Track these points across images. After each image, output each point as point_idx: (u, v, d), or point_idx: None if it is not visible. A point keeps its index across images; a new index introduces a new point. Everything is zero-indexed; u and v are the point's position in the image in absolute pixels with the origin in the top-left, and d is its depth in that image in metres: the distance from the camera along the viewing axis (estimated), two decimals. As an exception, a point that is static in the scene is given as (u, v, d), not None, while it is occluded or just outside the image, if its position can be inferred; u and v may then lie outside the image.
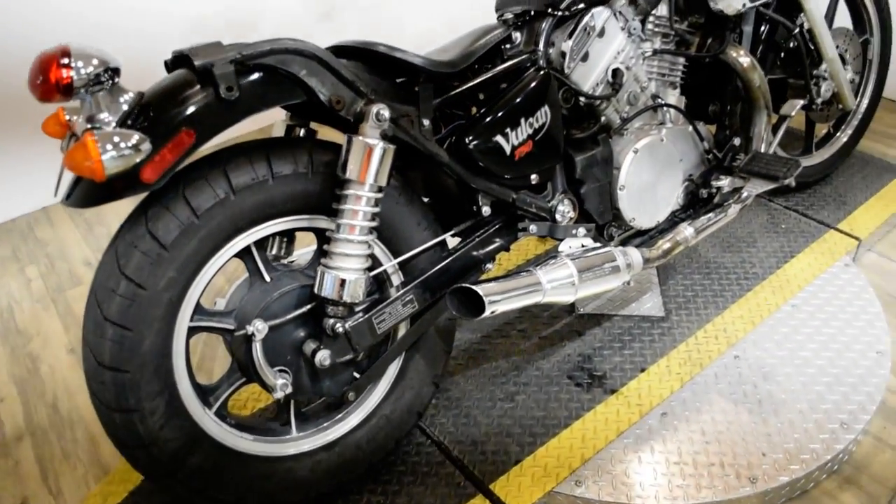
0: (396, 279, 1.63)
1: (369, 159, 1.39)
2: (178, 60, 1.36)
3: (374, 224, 1.45)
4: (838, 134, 2.74)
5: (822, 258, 2.40)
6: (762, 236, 2.50)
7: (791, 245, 2.46)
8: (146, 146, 1.22)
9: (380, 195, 1.44)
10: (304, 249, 1.79)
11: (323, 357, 1.50)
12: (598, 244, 1.76)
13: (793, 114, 2.14)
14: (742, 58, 1.95)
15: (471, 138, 1.56)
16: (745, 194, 1.97)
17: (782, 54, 2.38)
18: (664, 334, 2.10)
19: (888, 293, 2.34)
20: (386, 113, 1.40)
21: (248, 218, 1.42)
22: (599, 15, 1.74)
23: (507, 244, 1.72)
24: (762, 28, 2.19)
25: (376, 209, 1.44)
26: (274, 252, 1.68)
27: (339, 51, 1.55)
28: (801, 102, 2.18)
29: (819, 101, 2.39)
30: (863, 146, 2.97)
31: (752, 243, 2.47)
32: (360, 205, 1.41)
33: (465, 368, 2.02)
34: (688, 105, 2.03)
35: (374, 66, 1.52)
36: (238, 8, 3.20)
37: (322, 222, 1.51)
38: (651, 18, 1.88)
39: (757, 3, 1.92)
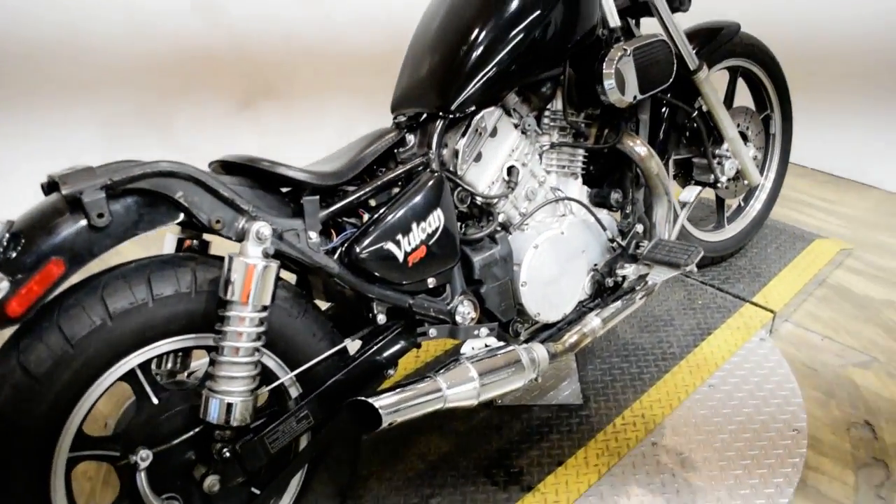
0: (295, 391, 1.59)
1: (250, 280, 1.36)
2: (52, 185, 1.32)
3: (259, 344, 1.41)
4: (748, 207, 2.80)
5: (738, 333, 2.42)
6: (679, 314, 2.52)
7: (708, 322, 2.47)
8: (4, 284, 1.18)
9: (264, 314, 1.40)
10: (204, 360, 1.74)
11: (211, 483, 1.44)
12: (501, 343, 1.74)
13: (692, 200, 2.18)
14: (638, 147, 1.98)
15: (361, 247, 1.53)
16: (650, 282, 1.98)
17: (687, 133, 2.43)
18: (582, 423, 2.08)
19: (804, 364, 2.36)
20: (266, 231, 1.38)
21: (127, 343, 1.37)
22: (490, 115, 1.76)
23: (409, 348, 1.69)
24: (662, 110, 2.24)
25: (261, 329, 1.41)
26: (169, 366, 1.63)
27: (226, 165, 1.54)
28: (699, 189, 2.22)
29: (724, 178, 2.44)
30: (776, 214, 3.04)
31: (669, 322, 2.48)
32: (242, 326, 1.38)
33: (379, 470, 1.96)
34: (591, 193, 2.04)
35: (259, 180, 1.50)
36: (153, 102, 3.18)
37: (210, 340, 1.47)
38: (547, 113, 1.91)
39: (648, 95, 1.96)
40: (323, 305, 1.83)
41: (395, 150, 1.70)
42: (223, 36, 3.24)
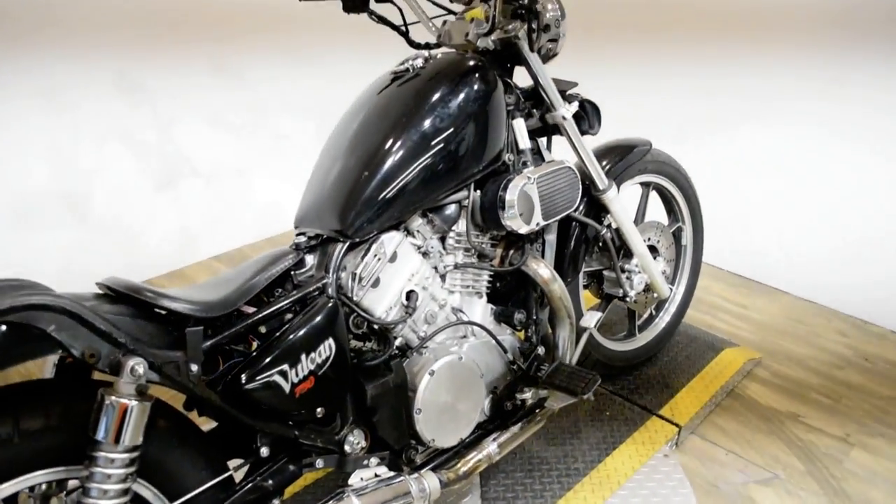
0: (174, 524, 1.53)
1: (121, 420, 1.31)
2: None
3: (128, 485, 1.36)
4: (658, 318, 2.84)
5: (643, 448, 2.43)
6: (586, 426, 2.52)
7: (614, 435, 2.48)
8: None
9: (135, 454, 1.35)
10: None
11: None
12: (392, 473, 1.71)
13: (592, 325, 2.20)
14: (542, 270, 1.99)
15: (246, 378, 1.50)
16: (548, 406, 1.98)
17: (600, 244, 2.47)
18: (479, 546, 2.05)
19: (707, 481, 2.37)
20: (140, 368, 1.34)
21: (-15, 479, 1.32)
22: (390, 241, 1.75)
23: (296, 476, 1.65)
24: (571, 227, 2.26)
25: (131, 469, 1.35)
26: (43, 489, 1.56)
27: (110, 289, 1.50)
28: (600, 315, 2.25)
29: (633, 293, 2.48)
30: (691, 318, 3.09)
31: (576, 434, 2.48)
32: (111, 467, 1.32)
33: None
34: (495, 311, 2.04)
35: (141, 309, 1.47)
36: (69, 178, 3.12)
37: (84, 472, 1.41)
38: (451, 234, 1.91)
39: (551, 221, 1.99)
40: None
41: (293, 273, 1.68)
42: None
